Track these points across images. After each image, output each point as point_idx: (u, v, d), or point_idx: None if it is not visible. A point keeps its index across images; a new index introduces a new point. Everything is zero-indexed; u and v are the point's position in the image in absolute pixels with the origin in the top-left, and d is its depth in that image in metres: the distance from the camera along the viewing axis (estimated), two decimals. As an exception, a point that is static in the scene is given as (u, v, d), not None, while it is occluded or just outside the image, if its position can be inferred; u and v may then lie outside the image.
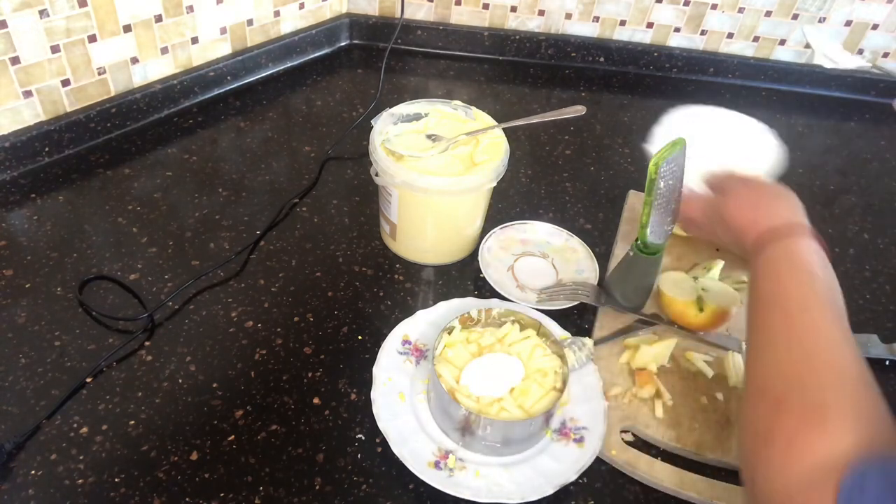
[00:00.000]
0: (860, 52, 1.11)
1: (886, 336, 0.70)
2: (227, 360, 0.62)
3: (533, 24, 1.12)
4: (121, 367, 0.60)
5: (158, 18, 0.85)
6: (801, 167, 0.96)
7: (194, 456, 0.54)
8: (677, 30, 1.11)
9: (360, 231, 0.77)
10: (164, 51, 0.88)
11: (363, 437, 0.57)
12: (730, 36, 1.11)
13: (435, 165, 0.67)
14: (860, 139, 1.05)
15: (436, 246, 0.72)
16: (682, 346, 0.65)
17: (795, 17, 1.08)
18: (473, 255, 0.74)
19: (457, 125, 0.71)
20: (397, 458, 0.53)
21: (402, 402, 0.58)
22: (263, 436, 0.56)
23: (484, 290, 0.71)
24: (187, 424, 0.56)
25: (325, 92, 1.00)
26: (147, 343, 0.62)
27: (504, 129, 0.71)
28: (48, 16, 0.74)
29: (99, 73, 0.83)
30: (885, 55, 1.11)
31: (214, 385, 0.60)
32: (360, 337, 0.65)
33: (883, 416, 0.41)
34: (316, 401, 0.59)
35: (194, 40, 0.91)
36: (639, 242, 0.63)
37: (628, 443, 0.58)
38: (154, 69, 0.89)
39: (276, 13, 1.00)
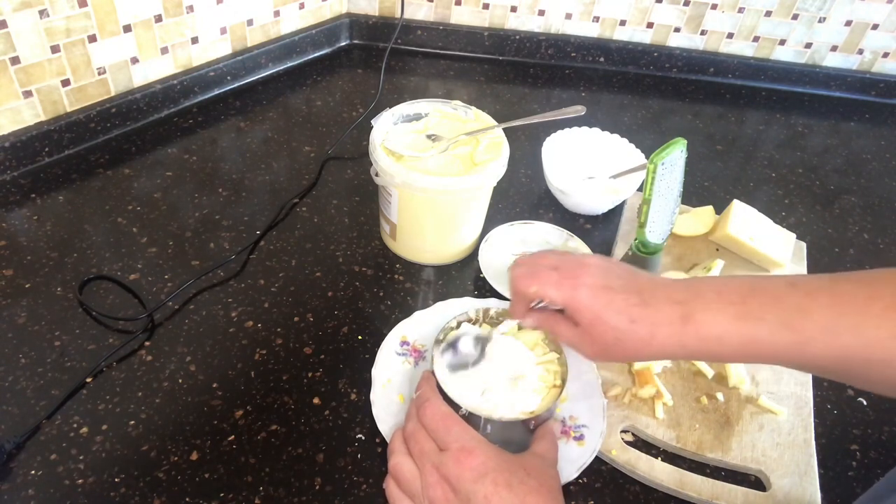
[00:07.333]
0: (860, 52, 1.11)
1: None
2: (227, 360, 0.62)
3: (533, 24, 1.12)
4: (121, 367, 0.60)
5: (158, 18, 0.85)
6: (801, 167, 0.96)
7: (194, 456, 0.54)
8: (677, 30, 1.11)
9: (360, 231, 0.77)
10: (164, 51, 0.88)
11: (363, 437, 0.57)
12: (730, 36, 1.11)
13: (435, 165, 0.67)
14: (860, 139, 1.05)
15: (436, 246, 0.72)
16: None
17: (795, 17, 1.08)
18: (473, 255, 0.74)
19: (457, 125, 0.71)
20: (397, 458, 0.53)
21: (401, 404, 0.58)
22: (263, 436, 0.56)
23: (483, 290, 0.71)
24: (187, 424, 0.56)
25: (325, 92, 1.00)
26: (147, 343, 0.63)
27: (504, 129, 0.71)
28: (48, 16, 0.75)
29: (99, 73, 0.83)
30: (885, 55, 1.11)
31: (214, 385, 0.60)
32: (360, 337, 0.65)
33: None
34: (316, 401, 0.59)
35: (194, 40, 0.91)
36: (638, 242, 0.64)
37: (628, 443, 0.58)
38: (154, 69, 0.89)
39: (276, 13, 1.00)
